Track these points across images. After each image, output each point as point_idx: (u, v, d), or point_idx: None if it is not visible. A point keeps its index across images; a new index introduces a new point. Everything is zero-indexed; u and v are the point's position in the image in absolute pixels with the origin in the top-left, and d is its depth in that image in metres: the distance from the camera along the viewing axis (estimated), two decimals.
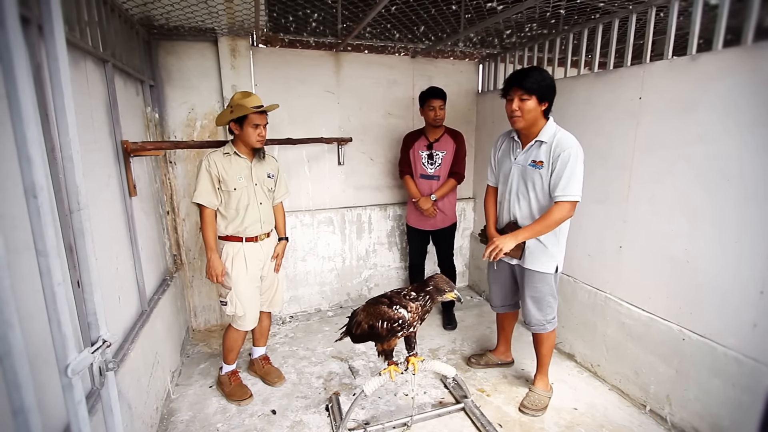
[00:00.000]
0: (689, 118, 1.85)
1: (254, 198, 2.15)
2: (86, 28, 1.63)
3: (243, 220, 2.12)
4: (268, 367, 2.48)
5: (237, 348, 2.30)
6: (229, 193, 2.09)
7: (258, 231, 2.18)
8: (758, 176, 1.61)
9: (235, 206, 2.10)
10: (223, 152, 2.10)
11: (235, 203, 2.10)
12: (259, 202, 2.17)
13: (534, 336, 2.21)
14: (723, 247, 1.75)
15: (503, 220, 2.14)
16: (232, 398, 2.25)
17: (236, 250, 2.14)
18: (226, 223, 2.12)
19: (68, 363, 0.81)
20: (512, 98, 1.88)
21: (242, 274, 2.14)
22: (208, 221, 2.08)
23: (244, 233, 2.14)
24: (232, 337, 2.26)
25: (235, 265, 2.13)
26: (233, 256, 2.13)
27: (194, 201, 2.06)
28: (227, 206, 2.11)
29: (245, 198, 2.12)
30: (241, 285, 2.14)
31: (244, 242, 2.15)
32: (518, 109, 1.86)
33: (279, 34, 2.82)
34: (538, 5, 2.22)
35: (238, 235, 2.14)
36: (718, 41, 1.76)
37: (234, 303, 2.15)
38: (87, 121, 1.62)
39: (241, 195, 2.10)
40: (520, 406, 2.16)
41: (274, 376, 2.43)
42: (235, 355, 2.32)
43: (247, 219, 2.13)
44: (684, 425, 1.93)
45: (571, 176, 1.84)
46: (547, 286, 2.06)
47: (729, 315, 1.75)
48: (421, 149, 2.87)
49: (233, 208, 2.11)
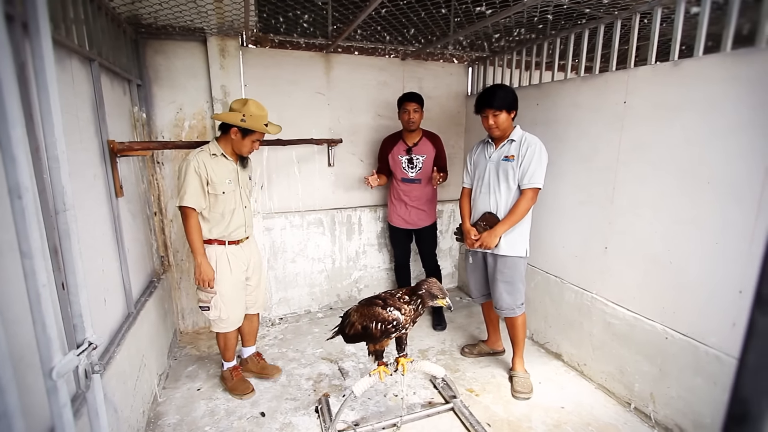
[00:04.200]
0: (672, 122, 1.90)
1: (240, 202, 2.14)
2: (72, 27, 1.61)
3: (228, 225, 2.10)
4: (263, 362, 2.50)
5: (232, 346, 2.32)
6: (216, 197, 2.04)
7: (242, 235, 2.18)
8: (737, 179, 1.65)
9: (221, 210, 2.07)
10: (210, 153, 2.04)
11: (222, 207, 2.06)
12: (243, 206, 2.17)
13: (507, 321, 2.40)
14: (704, 248, 1.80)
15: (478, 211, 2.35)
16: (235, 392, 2.28)
17: (219, 253, 2.11)
18: (210, 226, 2.08)
19: (53, 366, 0.80)
20: (486, 116, 2.19)
21: (226, 277, 2.12)
22: (195, 225, 2.02)
23: (229, 237, 2.12)
24: (223, 338, 2.27)
25: (219, 268, 2.10)
26: (216, 259, 2.10)
27: (183, 204, 1.96)
28: (212, 210, 2.05)
29: (232, 202, 2.09)
30: (225, 287, 2.12)
31: (227, 245, 2.13)
32: (494, 123, 2.18)
33: (269, 34, 2.81)
34: (526, 10, 2.25)
35: (221, 238, 2.11)
36: (698, 48, 1.81)
37: (218, 307, 2.12)
38: (72, 120, 1.60)
39: (227, 199, 2.07)
40: (513, 392, 2.31)
41: (270, 370, 2.46)
42: (232, 353, 2.33)
43: (233, 223, 2.11)
44: (667, 422, 1.98)
45: (537, 167, 2.14)
46: (518, 272, 2.29)
47: (710, 314, 1.79)
48: (400, 154, 2.91)
49: (219, 212, 2.06)
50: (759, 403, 0.23)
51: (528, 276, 2.66)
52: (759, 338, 0.23)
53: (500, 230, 2.20)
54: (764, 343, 0.23)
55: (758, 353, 0.23)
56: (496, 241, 2.21)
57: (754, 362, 0.24)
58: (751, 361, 0.24)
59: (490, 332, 2.69)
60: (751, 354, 0.24)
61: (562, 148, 2.50)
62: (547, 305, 2.74)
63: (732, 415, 0.25)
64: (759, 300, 0.23)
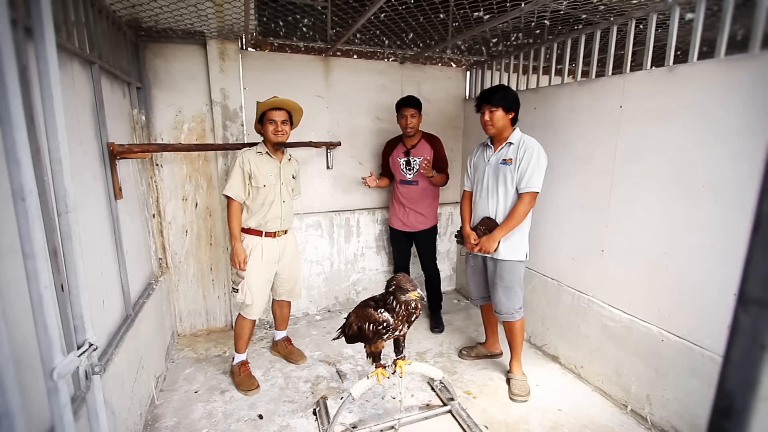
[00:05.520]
0: (667, 126, 1.92)
1: (279, 196, 2.34)
2: (73, 30, 1.62)
3: (266, 215, 2.31)
4: (290, 347, 2.72)
5: (246, 336, 2.44)
6: (258, 189, 2.28)
7: (277, 227, 2.37)
8: (732, 183, 1.68)
9: (261, 201, 2.30)
10: (256, 151, 2.31)
11: (262, 198, 2.30)
12: (282, 200, 2.36)
13: (505, 326, 2.40)
14: (699, 251, 1.82)
15: (477, 216, 2.37)
16: (240, 388, 2.36)
17: (255, 244, 2.32)
18: (250, 215, 2.32)
19: (54, 366, 0.80)
20: (483, 112, 2.22)
21: (256, 266, 2.32)
22: (235, 213, 2.27)
23: (265, 227, 2.33)
24: (241, 324, 2.41)
25: (251, 257, 2.30)
26: (251, 249, 2.31)
27: (224, 193, 2.26)
28: (254, 200, 2.30)
29: (272, 195, 2.32)
30: (253, 276, 2.31)
31: (263, 236, 2.33)
32: (489, 119, 2.20)
33: (269, 38, 2.83)
34: (523, 15, 2.28)
35: (258, 228, 2.32)
36: (693, 53, 1.84)
37: (244, 292, 2.32)
38: (73, 122, 1.61)
39: (268, 192, 2.30)
40: (510, 395, 2.30)
41: (296, 355, 2.67)
42: (244, 344, 2.45)
43: (270, 214, 2.32)
44: (663, 424, 1.99)
45: (534, 171, 2.14)
46: (516, 276, 2.29)
47: (705, 316, 1.81)
48: (399, 156, 2.95)
49: (259, 202, 2.30)
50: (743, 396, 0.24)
51: (526, 279, 2.66)
52: (741, 335, 0.25)
53: (499, 235, 2.21)
54: (746, 340, 0.24)
55: (741, 349, 0.25)
56: (495, 245, 2.22)
57: (738, 357, 0.25)
58: (734, 357, 0.25)
59: (488, 335, 2.70)
60: (734, 350, 0.25)
61: (559, 152, 2.53)
62: (544, 308, 2.75)
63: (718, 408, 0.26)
64: (741, 298, 0.24)
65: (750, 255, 0.26)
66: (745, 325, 0.25)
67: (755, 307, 0.24)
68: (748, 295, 0.25)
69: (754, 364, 0.24)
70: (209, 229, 2.96)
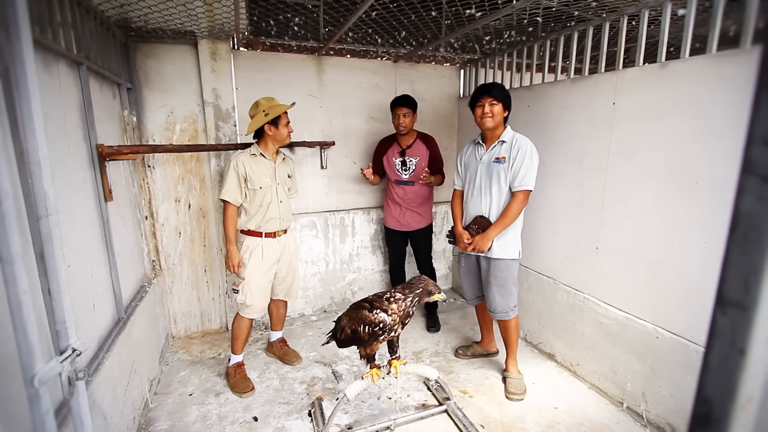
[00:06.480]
0: (661, 122, 1.91)
1: (276, 197, 2.34)
2: (59, 30, 1.60)
3: (264, 216, 2.32)
4: (286, 348, 2.71)
5: (244, 337, 2.43)
6: (254, 191, 2.28)
7: (276, 227, 2.37)
8: (725, 179, 1.67)
9: (258, 203, 2.30)
10: (250, 153, 2.29)
11: (259, 200, 2.30)
12: (279, 201, 2.36)
13: (500, 324, 2.39)
14: (693, 248, 1.81)
15: (469, 215, 2.35)
16: (235, 390, 2.35)
17: (255, 245, 2.33)
18: (248, 218, 2.32)
19: (35, 373, 0.78)
20: (483, 104, 2.18)
21: (257, 267, 2.33)
22: (231, 216, 2.29)
23: (264, 228, 2.33)
24: (239, 324, 2.40)
25: (252, 258, 2.32)
26: (252, 250, 2.32)
27: (221, 198, 2.27)
28: (252, 202, 2.30)
29: (268, 196, 2.32)
30: (254, 277, 2.32)
31: (263, 237, 2.34)
32: (489, 111, 2.16)
33: (260, 37, 2.80)
34: (515, 12, 2.27)
35: (258, 230, 2.33)
36: (685, 49, 1.83)
37: (245, 292, 2.32)
38: (60, 124, 1.59)
39: (265, 193, 2.30)
40: (506, 393, 2.30)
41: (291, 356, 2.66)
42: (241, 345, 2.44)
43: (268, 215, 2.32)
44: (659, 421, 1.99)
45: (528, 170, 2.13)
46: (510, 275, 2.28)
47: (699, 313, 1.80)
48: (394, 156, 2.93)
49: (257, 204, 2.30)
50: (722, 403, 0.23)
51: (521, 277, 2.66)
52: (719, 339, 0.23)
53: (492, 234, 2.20)
54: (725, 344, 0.23)
55: (719, 353, 0.23)
56: (488, 244, 2.21)
57: (716, 363, 0.24)
58: (713, 362, 0.24)
59: (483, 334, 2.69)
60: (713, 354, 0.24)
61: (553, 149, 2.52)
62: (540, 306, 2.75)
63: (697, 415, 0.25)
64: (719, 300, 0.23)
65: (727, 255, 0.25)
66: (723, 328, 0.24)
67: (733, 309, 0.23)
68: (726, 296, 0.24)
69: (733, 370, 0.23)
70: (203, 231, 2.94)
